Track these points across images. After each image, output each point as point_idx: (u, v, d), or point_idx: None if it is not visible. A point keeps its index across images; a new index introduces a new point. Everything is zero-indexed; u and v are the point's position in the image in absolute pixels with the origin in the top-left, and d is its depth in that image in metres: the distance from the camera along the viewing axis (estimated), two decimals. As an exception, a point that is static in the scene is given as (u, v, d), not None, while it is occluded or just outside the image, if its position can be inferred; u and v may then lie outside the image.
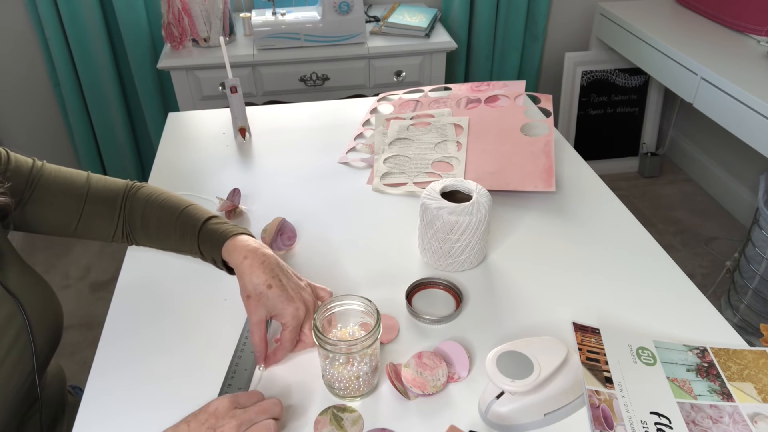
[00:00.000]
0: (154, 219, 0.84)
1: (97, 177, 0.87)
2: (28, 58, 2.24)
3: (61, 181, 0.84)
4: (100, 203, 0.85)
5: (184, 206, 0.84)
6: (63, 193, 0.83)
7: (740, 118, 1.63)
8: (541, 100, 1.27)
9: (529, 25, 2.40)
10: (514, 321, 0.82)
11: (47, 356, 0.80)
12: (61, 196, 0.83)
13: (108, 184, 0.87)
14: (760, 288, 1.71)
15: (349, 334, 0.74)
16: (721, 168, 2.50)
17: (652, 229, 2.33)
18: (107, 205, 0.85)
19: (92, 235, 0.86)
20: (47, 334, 0.79)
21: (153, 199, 0.86)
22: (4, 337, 0.72)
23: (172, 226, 0.83)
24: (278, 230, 0.95)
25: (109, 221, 0.85)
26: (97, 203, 0.84)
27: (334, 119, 1.35)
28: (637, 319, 0.82)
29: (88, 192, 0.84)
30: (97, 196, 0.85)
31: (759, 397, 0.70)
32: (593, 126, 2.57)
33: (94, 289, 2.13)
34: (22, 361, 0.74)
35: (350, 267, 0.92)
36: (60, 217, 0.83)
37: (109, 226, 0.86)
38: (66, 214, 0.83)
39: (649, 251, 0.95)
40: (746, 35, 1.92)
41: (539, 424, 0.67)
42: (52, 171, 0.84)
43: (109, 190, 0.86)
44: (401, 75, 2.07)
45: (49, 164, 0.85)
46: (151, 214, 0.85)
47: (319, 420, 0.69)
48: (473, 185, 0.89)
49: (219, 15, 1.97)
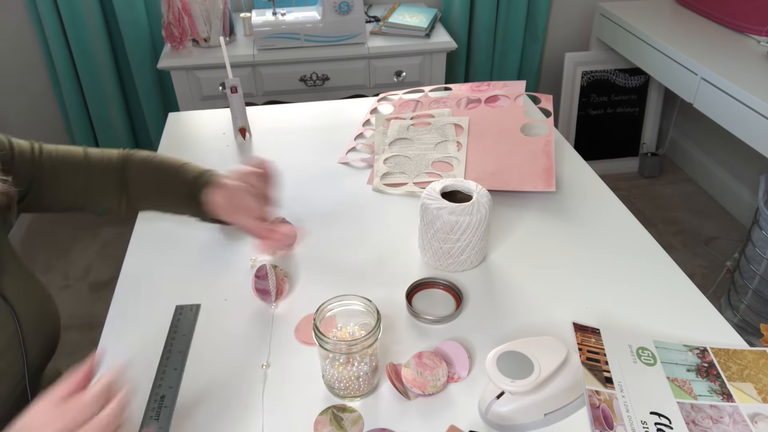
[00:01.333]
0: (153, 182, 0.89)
1: (93, 150, 0.89)
2: (28, 58, 2.24)
3: (62, 159, 0.85)
4: (101, 174, 0.87)
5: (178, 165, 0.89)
6: (66, 170, 0.85)
7: (740, 118, 1.63)
8: (541, 100, 1.27)
9: (529, 25, 2.40)
10: (514, 321, 0.82)
11: (40, 365, 0.79)
12: (64, 174, 0.85)
13: (104, 154, 0.89)
14: (760, 288, 1.71)
15: (349, 334, 0.74)
16: (721, 168, 2.50)
17: (652, 230, 2.33)
18: (109, 175, 0.88)
19: (101, 206, 0.88)
20: (42, 344, 0.78)
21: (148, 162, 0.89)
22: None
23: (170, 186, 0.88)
24: (278, 230, 0.95)
25: (114, 190, 0.88)
26: (99, 174, 0.87)
27: (334, 119, 1.35)
28: (637, 319, 0.82)
29: (88, 165, 0.87)
30: (97, 167, 0.87)
31: (759, 397, 0.70)
32: (593, 126, 2.57)
33: (94, 289, 2.13)
34: (12, 369, 0.73)
35: (350, 267, 0.92)
36: (67, 194, 0.85)
37: (114, 195, 0.88)
38: (72, 189, 0.85)
39: (649, 251, 0.95)
40: (746, 35, 1.92)
41: (539, 424, 0.67)
42: (52, 150, 0.86)
43: (108, 161, 0.88)
44: (401, 75, 2.07)
45: (46, 144, 0.87)
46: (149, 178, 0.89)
47: (319, 420, 0.69)
48: (473, 185, 0.89)
49: (219, 15, 1.97)
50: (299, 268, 0.92)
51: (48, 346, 0.80)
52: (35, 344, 0.76)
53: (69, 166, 0.85)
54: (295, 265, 0.93)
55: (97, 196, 0.87)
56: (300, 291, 0.88)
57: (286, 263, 0.93)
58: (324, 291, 0.87)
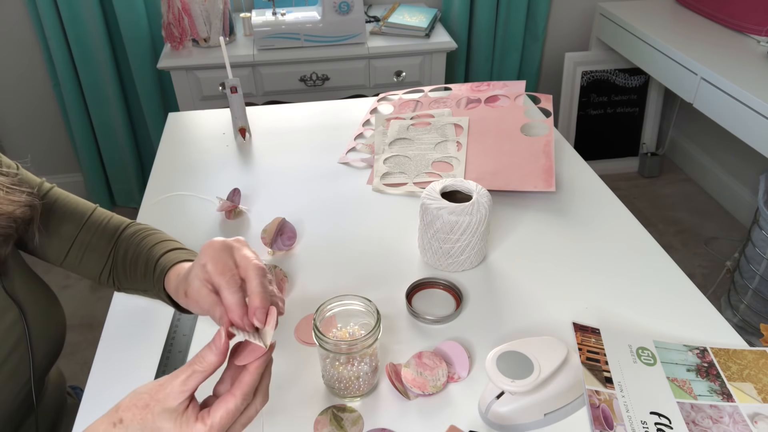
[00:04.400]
0: (129, 259, 0.78)
1: (103, 212, 0.82)
2: (28, 58, 2.24)
3: (62, 206, 0.79)
4: (94, 237, 0.80)
5: (154, 243, 0.78)
6: (59, 218, 0.78)
7: (740, 118, 1.63)
8: (541, 100, 1.27)
9: (529, 25, 2.40)
10: (514, 321, 0.82)
11: (46, 368, 0.79)
12: (56, 221, 0.78)
13: (111, 220, 0.82)
14: (760, 288, 1.71)
15: (349, 334, 0.74)
16: (721, 168, 2.50)
17: (652, 229, 2.33)
18: (101, 241, 0.80)
19: (81, 269, 0.80)
20: (48, 345, 0.77)
21: (135, 237, 0.80)
22: (3, 344, 0.71)
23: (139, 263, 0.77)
24: (278, 230, 0.95)
25: (100, 258, 0.80)
26: (91, 236, 0.79)
27: (334, 119, 1.35)
28: (637, 319, 0.82)
29: (86, 223, 0.80)
30: (94, 229, 0.80)
31: (759, 397, 0.70)
32: (593, 126, 2.57)
33: (94, 289, 2.13)
34: (19, 371, 0.73)
35: (350, 267, 0.92)
36: (53, 243, 0.78)
37: (98, 264, 0.80)
38: (57, 240, 0.78)
39: (649, 251, 0.95)
40: (746, 35, 1.92)
41: (539, 424, 0.67)
42: (59, 195, 0.80)
43: (109, 226, 0.81)
44: (401, 75, 2.07)
45: (60, 189, 0.81)
46: (128, 252, 0.79)
47: (319, 420, 0.69)
48: (473, 185, 0.89)
49: (219, 15, 1.97)
50: (299, 268, 0.92)
51: (53, 348, 0.80)
52: (41, 346, 0.76)
53: (64, 216, 0.79)
54: (295, 265, 0.93)
55: (82, 255, 0.79)
56: (300, 291, 0.88)
57: (286, 263, 0.93)
58: (324, 291, 0.87)
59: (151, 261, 0.75)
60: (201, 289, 0.61)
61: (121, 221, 0.82)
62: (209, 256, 0.60)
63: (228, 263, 0.59)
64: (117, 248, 0.80)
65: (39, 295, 0.78)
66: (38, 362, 0.75)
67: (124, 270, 0.79)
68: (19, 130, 2.37)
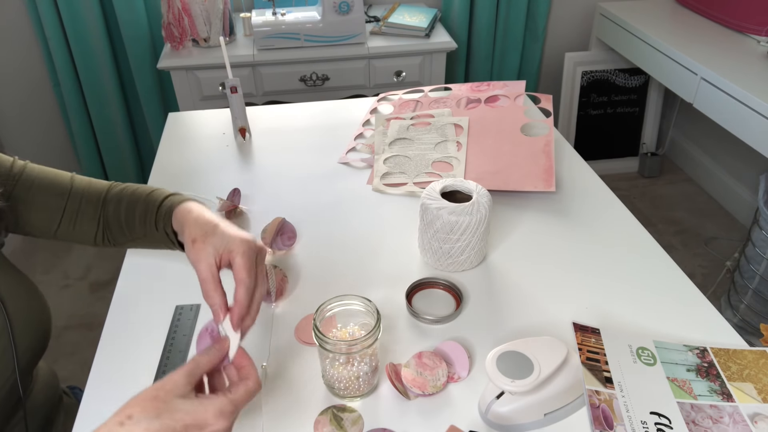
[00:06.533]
0: (123, 212, 0.81)
1: (81, 178, 0.84)
2: (28, 58, 2.24)
3: (43, 180, 0.80)
4: (82, 203, 0.82)
5: (147, 192, 0.81)
6: (44, 192, 0.80)
7: (740, 118, 1.63)
8: (541, 100, 1.27)
9: (529, 25, 2.40)
10: (514, 321, 0.82)
11: (30, 360, 0.79)
12: (42, 195, 0.79)
13: (92, 184, 0.84)
14: (760, 288, 1.71)
15: (349, 334, 0.74)
16: (721, 168, 2.50)
17: (652, 229, 2.33)
18: (89, 205, 0.82)
19: (75, 237, 0.83)
20: (31, 337, 0.78)
21: (123, 194, 0.83)
22: None
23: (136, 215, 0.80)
24: (278, 230, 0.95)
25: (91, 222, 0.82)
26: (79, 203, 0.82)
27: (334, 119, 1.35)
28: (637, 319, 0.82)
29: (71, 191, 0.81)
30: (80, 195, 0.82)
31: (759, 397, 0.70)
32: (593, 126, 2.57)
33: (94, 289, 2.13)
34: (1, 363, 0.73)
35: (350, 267, 0.92)
36: (40, 217, 0.80)
37: (91, 227, 0.82)
38: (47, 213, 0.80)
39: (649, 251, 0.95)
40: (746, 35, 1.92)
41: (539, 424, 0.67)
42: (35, 170, 0.82)
43: (92, 190, 0.83)
44: (401, 75, 2.07)
45: (33, 164, 0.83)
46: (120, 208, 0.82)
47: (319, 420, 0.69)
48: (473, 185, 0.89)
49: (219, 15, 1.97)
50: (299, 268, 0.92)
51: (38, 342, 0.80)
52: (25, 339, 0.76)
53: (48, 189, 0.80)
54: (295, 265, 0.93)
55: (72, 223, 0.81)
56: (300, 291, 0.88)
57: (286, 263, 0.93)
58: (324, 291, 0.87)
59: (152, 204, 0.79)
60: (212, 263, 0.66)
61: (102, 183, 0.85)
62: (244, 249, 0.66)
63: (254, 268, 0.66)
64: (106, 209, 0.83)
65: (20, 288, 0.78)
66: (22, 354, 0.76)
67: (119, 224, 0.82)
68: (18, 130, 2.37)
